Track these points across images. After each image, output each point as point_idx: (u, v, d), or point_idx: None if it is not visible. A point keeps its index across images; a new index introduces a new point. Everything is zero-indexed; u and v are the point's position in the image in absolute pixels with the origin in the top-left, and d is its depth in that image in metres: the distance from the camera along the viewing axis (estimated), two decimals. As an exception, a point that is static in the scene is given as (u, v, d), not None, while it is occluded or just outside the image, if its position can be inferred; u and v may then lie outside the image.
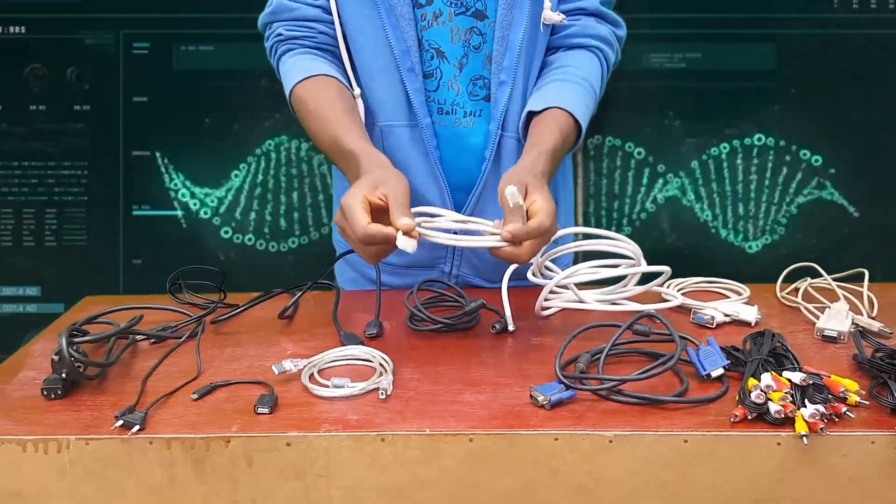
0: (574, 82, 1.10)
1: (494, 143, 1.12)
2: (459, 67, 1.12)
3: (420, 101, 1.11)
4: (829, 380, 0.78)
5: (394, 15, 1.08)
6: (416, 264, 1.19)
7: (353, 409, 0.80)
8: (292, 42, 1.13)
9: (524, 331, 0.99)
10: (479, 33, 1.10)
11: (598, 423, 0.76)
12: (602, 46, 1.15)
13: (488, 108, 1.13)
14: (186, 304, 1.08)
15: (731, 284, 1.11)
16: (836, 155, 1.80)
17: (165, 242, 1.87)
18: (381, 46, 1.09)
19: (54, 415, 0.80)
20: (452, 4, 1.09)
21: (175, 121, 1.84)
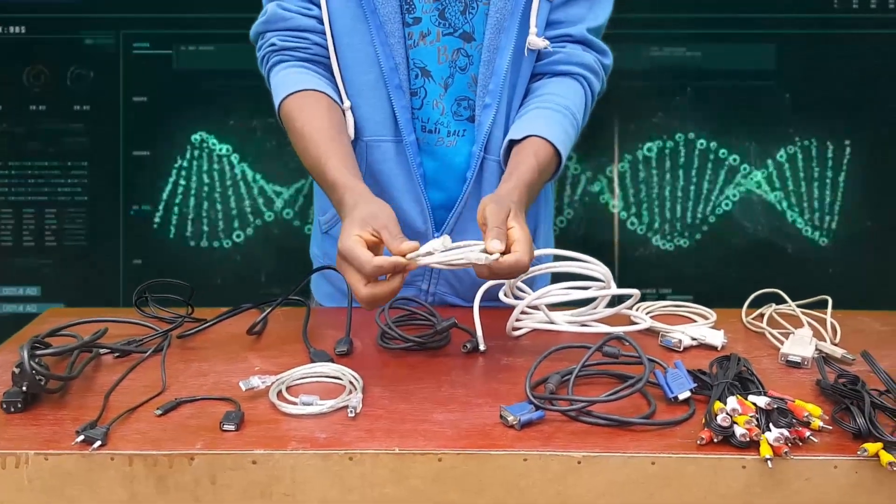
0: (555, 110, 1.10)
1: (476, 165, 1.13)
2: (444, 87, 1.12)
3: (406, 118, 1.11)
4: (794, 404, 0.79)
5: (384, 32, 1.08)
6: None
7: (321, 427, 0.79)
8: (284, 53, 1.13)
9: (495, 351, 0.99)
10: (466, 55, 1.11)
11: (567, 445, 0.76)
12: (587, 75, 1.15)
13: (472, 129, 1.14)
14: (153, 318, 1.06)
15: (698, 309, 1.12)
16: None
17: (165, 243, 1.87)
18: (370, 62, 1.10)
19: (13, 429, 0.78)
20: (441, 24, 1.10)
21: (175, 120, 1.84)
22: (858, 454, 0.74)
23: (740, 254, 1.88)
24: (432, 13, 1.09)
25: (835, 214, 1.85)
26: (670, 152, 1.86)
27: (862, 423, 0.77)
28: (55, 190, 1.85)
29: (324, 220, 1.23)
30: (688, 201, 1.87)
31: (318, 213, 1.24)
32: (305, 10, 1.12)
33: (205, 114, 1.84)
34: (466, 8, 1.10)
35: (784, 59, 1.82)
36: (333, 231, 1.21)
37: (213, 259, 1.88)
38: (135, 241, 1.87)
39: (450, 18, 1.10)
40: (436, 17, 1.09)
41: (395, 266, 0.87)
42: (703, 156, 1.87)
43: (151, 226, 1.87)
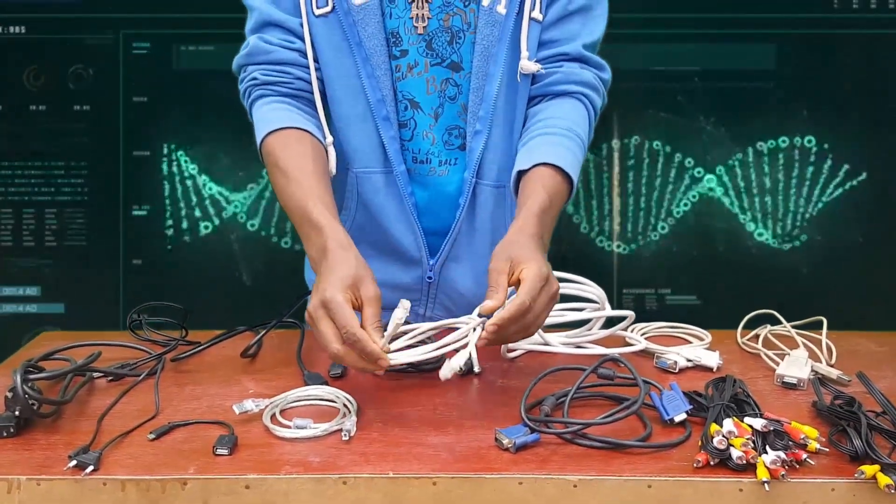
0: (560, 134, 1.09)
1: (469, 191, 1.13)
2: (435, 117, 1.12)
3: (395, 149, 1.11)
4: (790, 426, 0.79)
5: (370, 64, 1.08)
6: (391, 306, 1.17)
7: (315, 451, 0.78)
8: (267, 88, 1.11)
9: (490, 372, 0.99)
10: (455, 84, 1.11)
11: (563, 468, 0.76)
12: (587, 92, 1.14)
13: (463, 157, 1.14)
14: (146, 341, 1.06)
15: (694, 330, 1.12)
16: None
17: (165, 243, 1.87)
18: (357, 95, 1.10)
19: (5, 454, 0.78)
20: (428, 55, 1.10)
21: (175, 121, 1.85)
22: (855, 477, 0.74)
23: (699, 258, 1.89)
24: (419, 44, 1.10)
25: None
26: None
27: (859, 445, 0.77)
28: (55, 190, 1.86)
29: None
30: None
31: None
32: (287, 44, 1.10)
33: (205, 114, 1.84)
34: (453, 38, 1.10)
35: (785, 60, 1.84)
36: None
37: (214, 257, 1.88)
38: (135, 241, 1.87)
39: (437, 49, 1.10)
40: (423, 48, 1.10)
41: (370, 353, 0.83)
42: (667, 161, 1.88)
43: (151, 226, 1.87)
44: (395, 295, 1.17)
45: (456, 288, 1.17)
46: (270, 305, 1.12)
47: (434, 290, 1.18)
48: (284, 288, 1.82)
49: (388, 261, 1.17)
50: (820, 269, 1.89)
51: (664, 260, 1.93)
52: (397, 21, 1.09)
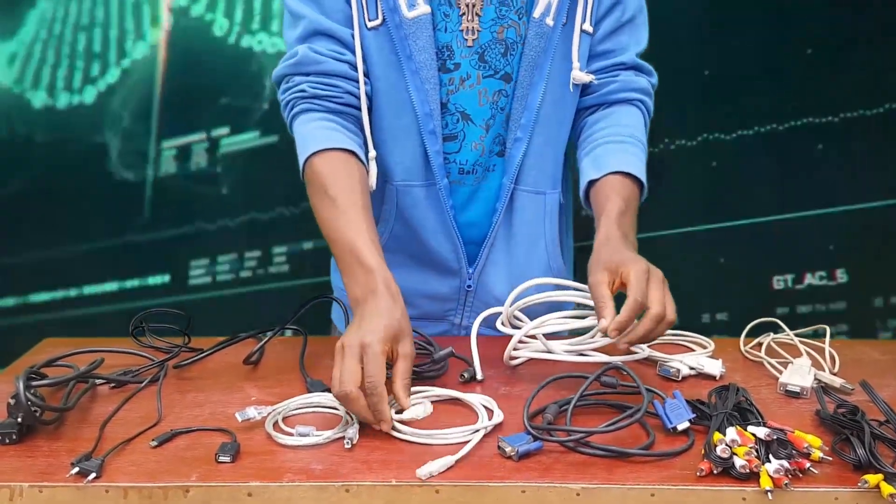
0: (624, 142, 1.11)
1: (507, 197, 1.14)
2: (486, 129, 1.13)
3: (439, 163, 1.11)
4: (793, 435, 0.79)
5: (419, 78, 1.08)
6: (427, 316, 1.19)
7: (317, 459, 0.78)
8: (313, 101, 1.08)
9: (492, 380, 0.98)
10: (507, 95, 1.12)
11: (566, 476, 0.75)
12: (644, 98, 1.17)
13: (501, 163, 1.15)
14: (149, 348, 1.06)
15: (696, 338, 1.12)
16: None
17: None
18: (405, 108, 1.10)
19: (7, 461, 0.78)
20: (481, 68, 1.11)
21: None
22: (859, 486, 0.74)
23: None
24: (472, 57, 1.10)
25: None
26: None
27: (862, 454, 0.77)
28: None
29: None
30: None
31: None
32: (338, 55, 1.08)
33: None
34: (507, 50, 1.11)
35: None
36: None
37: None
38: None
39: (490, 61, 1.10)
40: (475, 60, 1.10)
41: (381, 415, 0.83)
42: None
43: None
44: (433, 304, 1.18)
45: (493, 294, 1.17)
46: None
47: (472, 297, 1.18)
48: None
49: (425, 271, 1.17)
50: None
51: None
52: (451, 35, 1.09)
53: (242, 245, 1.85)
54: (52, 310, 1.87)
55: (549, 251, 1.19)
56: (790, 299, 1.80)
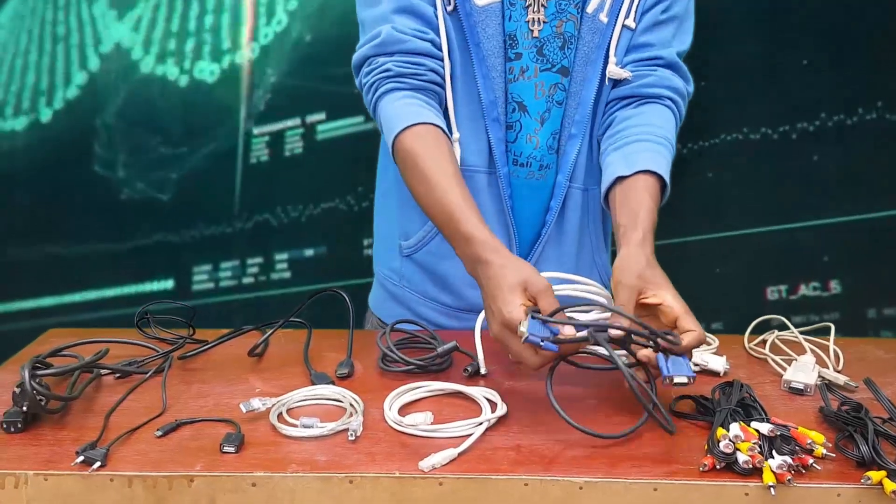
0: (657, 143, 1.09)
1: (563, 195, 1.14)
2: (541, 122, 1.13)
3: (501, 150, 1.12)
4: (797, 431, 0.79)
5: (485, 65, 1.09)
6: (474, 308, 1.19)
7: (321, 450, 0.79)
8: (399, 80, 1.07)
9: (496, 374, 0.98)
10: (564, 89, 1.12)
11: (569, 470, 0.76)
12: (677, 99, 1.15)
13: (555, 161, 1.15)
14: (154, 339, 1.06)
15: (701, 334, 1.12)
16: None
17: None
18: (471, 94, 1.11)
19: (13, 449, 0.78)
20: (538, 61, 1.11)
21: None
22: (862, 482, 0.74)
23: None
24: (531, 49, 1.11)
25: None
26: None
27: (865, 450, 0.77)
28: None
29: (406, 244, 1.21)
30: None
31: (401, 237, 1.22)
32: (421, 34, 1.08)
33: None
34: (565, 44, 1.11)
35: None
36: (417, 256, 1.20)
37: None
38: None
39: (548, 55, 1.11)
40: (534, 53, 1.11)
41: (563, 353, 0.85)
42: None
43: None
44: (479, 295, 1.18)
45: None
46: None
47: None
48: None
49: None
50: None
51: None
52: (515, 24, 1.10)
53: (245, 251, 1.85)
54: (58, 314, 1.87)
55: (594, 245, 1.20)
56: (784, 309, 1.80)
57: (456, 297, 1.19)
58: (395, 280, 1.25)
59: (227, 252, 1.84)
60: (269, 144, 1.81)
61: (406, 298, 1.24)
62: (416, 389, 0.91)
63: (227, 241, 1.84)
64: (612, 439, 0.81)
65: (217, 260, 1.85)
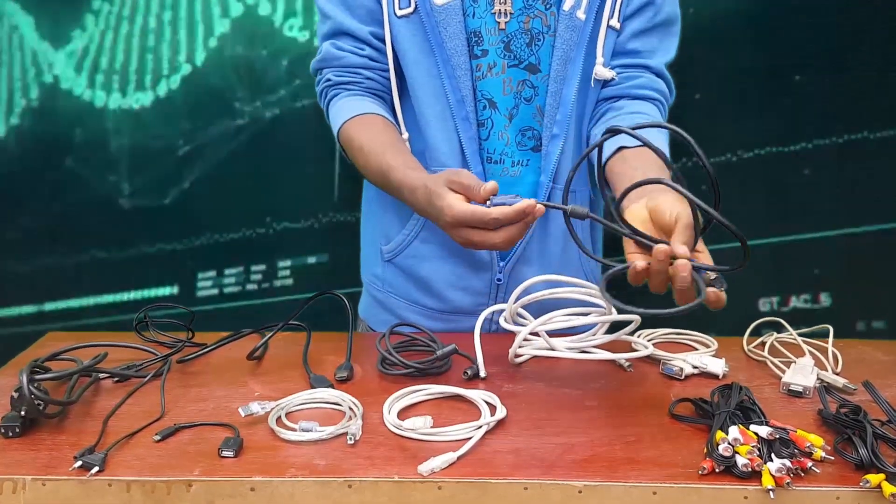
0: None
1: (546, 196, 1.14)
2: (509, 118, 1.13)
3: (473, 149, 1.12)
4: (796, 434, 0.79)
5: (450, 65, 1.10)
6: (460, 310, 1.20)
7: (320, 454, 0.79)
8: (340, 87, 1.17)
9: (495, 377, 0.98)
10: (532, 86, 1.13)
11: (568, 473, 0.76)
12: (664, 101, 1.17)
13: (535, 158, 1.15)
14: (152, 343, 1.06)
15: (700, 337, 1.12)
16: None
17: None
18: (437, 95, 1.11)
19: (11, 453, 0.78)
20: (506, 57, 1.11)
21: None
22: (861, 485, 0.74)
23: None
24: (498, 45, 1.11)
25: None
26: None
27: (864, 453, 0.77)
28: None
29: (386, 248, 1.22)
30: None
31: (381, 242, 1.24)
32: (357, 50, 1.15)
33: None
34: (532, 40, 1.11)
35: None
36: (397, 260, 1.21)
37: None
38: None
39: (515, 50, 1.11)
40: (501, 49, 1.11)
41: (517, 214, 0.89)
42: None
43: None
44: (465, 298, 1.19)
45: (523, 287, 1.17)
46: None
47: (503, 292, 1.19)
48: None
49: (457, 262, 1.18)
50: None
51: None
52: (479, 21, 1.11)
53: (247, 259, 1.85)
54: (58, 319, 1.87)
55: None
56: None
57: (439, 300, 1.19)
58: (378, 286, 1.26)
59: (230, 259, 1.84)
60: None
61: (391, 304, 1.24)
62: (415, 393, 0.91)
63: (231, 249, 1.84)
64: (669, 315, 0.78)
65: (220, 267, 1.85)
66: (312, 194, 1.75)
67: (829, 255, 1.77)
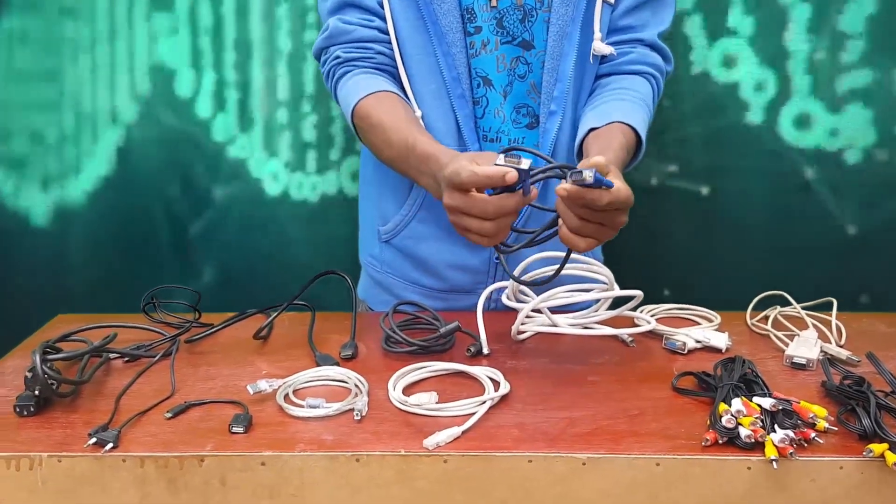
0: (633, 101, 1.10)
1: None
2: (504, 95, 1.13)
3: (469, 127, 1.12)
4: (799, 406, 0.80)
5: (445, 42, 1.09)
6: (457, 288, 1.20)
7: (327, 430, 0.80)
8: (350, 64, 1.13)
9: (499, 354, 0.99)
10: (525, 62, 1.12)
11: (572, 446, 0.77)
12: (656, 74, 1.16)
13: (532, 136, 1.15)
14: (160, 324, 1.07)
15: (703, 311, 1.13)
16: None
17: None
18: (433, 73, 1.11)
19: (26, 432, 0.80)
20: (499, 33, 1.11)
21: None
22: (864, 455, 0.74)
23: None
24: (490, 22, 1.10)
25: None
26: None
27: (867, 423, 0.77)
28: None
29: (384, 229, 1.23)
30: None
31: (378, 223, 1.24)
32: (366, 22, 1.12)
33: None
34: (526, 16, 1.11)
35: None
36: (395, 240, 1.21)
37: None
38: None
39: (508, 27, 1.10)
40: (494, 25, 1.11)
41: (490, 177, 0.85)
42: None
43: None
44: (464, 276, 1.20)
45: (519, 264, 1.17)
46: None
47: (501, 270, 1.19)
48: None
49: (455, 241, 1.17)
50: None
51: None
52: None
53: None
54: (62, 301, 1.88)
55: None
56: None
57: (437, 279, 1.20)
58: (377, 266, 1.26)
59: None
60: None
61: (389, 283, 1.24)
62: (419, 370, 0.92)
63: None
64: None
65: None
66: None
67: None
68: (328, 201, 1.56)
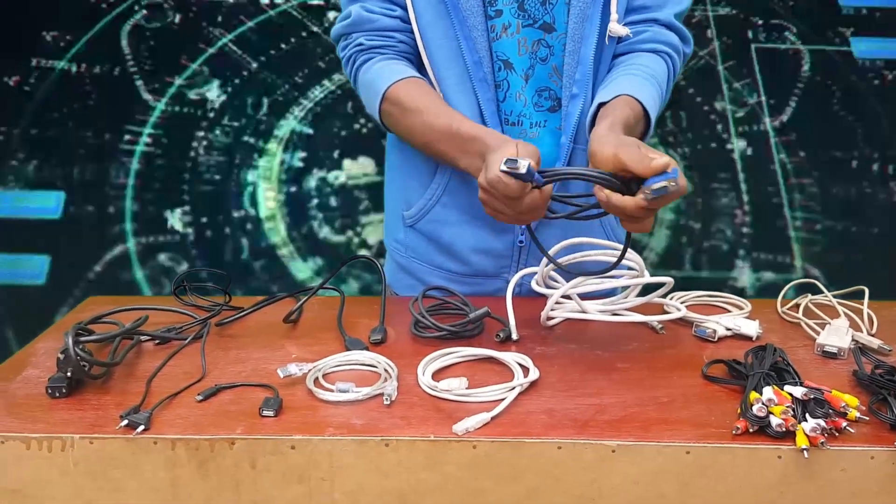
0: (644, 77, 1.09)
1: (567, 156, 1.13)
2: (525, 78, 1.13)
3: (491, 110, 1.12)
4: (830, 395, 0.79)
5: (466, 26, 1.09)
6: (482, 273, 1.21)
7: (357, 414, 0.80)
8: (374, 51, 1.14)
9: (528, 340, 0.99)
10: (547, 45, 1.12)
11: (602, 433, 0.76)
12: (672, 53, 1.15)
13: (553, 119, 1.14)
14: (191, 307, 1.08)
15: (733, 299, 1.12)
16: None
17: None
18: (455, 57, 1.11)
19: (59, 413, 0.81)
20: (520, 16, 1.10)
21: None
22: (895, 445, 0.74)
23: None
24: (511, 5, 1.10)
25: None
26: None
27: (900, 414, 0.77)
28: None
29: (408, 214, 1.23)
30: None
31: (402, 208, 1.24)
32: (389, 11, 1.13)
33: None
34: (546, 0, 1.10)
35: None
36: (419, 225, 1.22)
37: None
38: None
39: (529, 10, 1.10)
40: (515, 9, 1.10)
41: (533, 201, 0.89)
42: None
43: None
44: (488, 261, 1.20)
45: (547, 250, 1.17)
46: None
47: (525, 254, 1.19)
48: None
49: (479, 225, 1.18)
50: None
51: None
52: None
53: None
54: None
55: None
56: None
57: (461, 264, 1.20)
58: (401, 251, 1.26)
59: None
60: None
61: (413, 268, 1.25)
62: (448, 355, 0.92)
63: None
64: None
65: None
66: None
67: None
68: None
